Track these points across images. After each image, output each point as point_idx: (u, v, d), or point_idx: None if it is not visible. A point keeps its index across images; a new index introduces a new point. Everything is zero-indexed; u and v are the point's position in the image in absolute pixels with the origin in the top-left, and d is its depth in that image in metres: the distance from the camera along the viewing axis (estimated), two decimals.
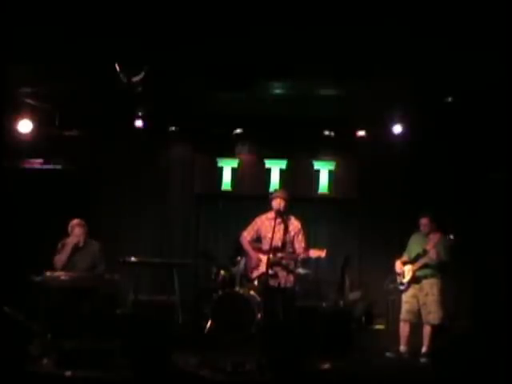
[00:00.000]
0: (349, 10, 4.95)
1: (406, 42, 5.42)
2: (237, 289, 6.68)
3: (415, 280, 6.38)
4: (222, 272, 7.08)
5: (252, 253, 6.44)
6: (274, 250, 6.12)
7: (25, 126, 7.46)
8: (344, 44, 5.54)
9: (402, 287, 6.48)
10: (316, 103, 7.33)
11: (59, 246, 6.58)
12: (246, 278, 6.68)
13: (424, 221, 6.46)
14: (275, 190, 6.87)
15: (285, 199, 6.25)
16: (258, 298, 6.38)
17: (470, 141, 7.45)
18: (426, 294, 6.32)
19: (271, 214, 6.34)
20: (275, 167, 8.43)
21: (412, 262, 6.42)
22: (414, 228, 6.58)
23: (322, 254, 6.08)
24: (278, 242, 6.24)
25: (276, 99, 7.27)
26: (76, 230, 6.56)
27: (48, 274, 6.36)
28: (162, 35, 5.42)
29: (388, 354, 6.33)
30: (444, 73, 6.09)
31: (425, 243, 6.40)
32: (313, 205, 8.30)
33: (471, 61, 5.73)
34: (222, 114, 7.91)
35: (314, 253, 6.12)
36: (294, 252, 6.26)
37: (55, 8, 5.01)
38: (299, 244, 6.28)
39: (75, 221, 6.62)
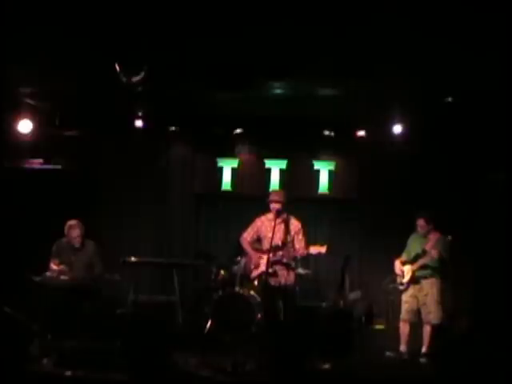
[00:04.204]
0: (349, 10, 4.95)
1: (405, 41, 5.41)
2: (237, 289, 6.67)
3: (414, 280, 6.38)
4: (222, 272, 7.07)
5: (252, 253, 6.45)
6: (274, 249, 6.13)
7: (25, 125, 7.46)
8: (344, 44, 5.54)
9: (401, 287, 6.48)
10: (316, 103, 7.32)
11: (54, 247, 6.58)
12: (246, 278, 6.68)
13: (420, 222, 6.46)
14: (271, 192, 6.74)
15: (279, 202, 6.23)
16: (258, 298, 6.37)
17: (470, 141, 7.45)
18: (426, 294, 6.33)
19: (271, 215, 6.35)
20: (275, 167, 8.42)
21: (411, 262, 6.42)
22: (414, 228, 6.58)
23: (323, 249, 6.07)
24: (278, 241, 6.25)
25: (276, 99, 7.27)
26: (72, 232, 6.55)
27: (48, 274, 6.37)
28: (162, 35, 5.42)
29: (388, 354, 6.33)
30: (444, 73, 6.09)
31: (424, 243, 6.40)
32: (313, 205, 8.30)
33: (471, 61, 5.73)
34: (222, 114, 7.90)
35: (314, 249, 6.12)
36: (294, 251, 6.26)
37: (55, 8, 5.01)
38: (299, 244, 6.29)
39: (71, 222, 6.60)
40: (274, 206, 6.25)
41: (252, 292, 6.47)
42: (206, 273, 7.48)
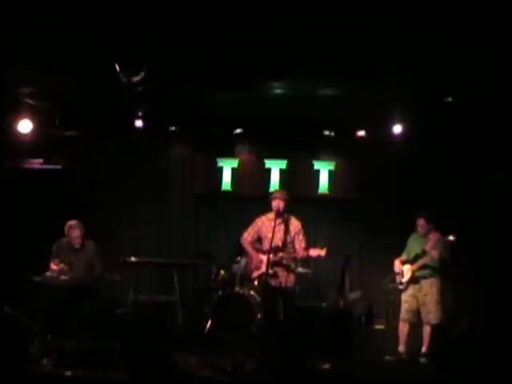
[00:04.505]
0: (349, 10, 4.95)
1: (406, 41, 5.42)
2: (237, 289, 6.67)
3: (414, 280, 6.38)
4: (222, 272, 7.06)
5: (253, 253, 6.46)
6: (274, 249, 6.13)
7: (25, 125, 7.46)
8: (344, 44, 5.54)
9: (401, 287, 6.48)
10: (316, 103, 7.32)
11: (54, 247, 6.58)
12: (246, 278, 6.68)
13: (420, 222, 6.46)
14: (274, 191, 6.88)
15: (284, 200, 6.26)
16: (258, 298, 6.37)
17: (470, 141, 7.45)
18: (426, 294, 6.33)
19: (271, 215, 6.35)
20: (275, 167, 8.42)
21: (411, 262, 6.42)
22: (414, 228, 6.58)
23: (322, 252, 6.09)
24: (278, 242, 6.26)
25: (276, 99, 7.27)
26: (72, 232, 6.55)
27: (48, 274, 6.37)
28: (162, 35, 5.42)
29: (387, 358, 6.30)
30: (444, 73, 6.09)
31: (424, 243, 6.40)
32: (313, 205, 8.29)
33: (471, 61, 5.73)
34: (222, 114, 7.91)
35: (314, 252, 6.13)
36: (294, 252, 6.27)
37: (55, 8, 5.01)
38: (300, 244, 6.29)
39: (71, 222, 6.60)
40: (278, 203, 6.24)
41: (252, 292, 6.47)
42: (206, 273, 7.48)
